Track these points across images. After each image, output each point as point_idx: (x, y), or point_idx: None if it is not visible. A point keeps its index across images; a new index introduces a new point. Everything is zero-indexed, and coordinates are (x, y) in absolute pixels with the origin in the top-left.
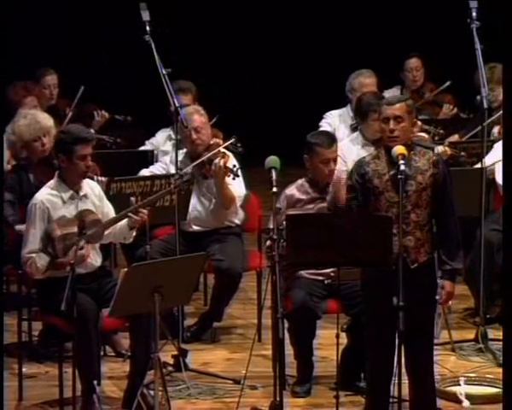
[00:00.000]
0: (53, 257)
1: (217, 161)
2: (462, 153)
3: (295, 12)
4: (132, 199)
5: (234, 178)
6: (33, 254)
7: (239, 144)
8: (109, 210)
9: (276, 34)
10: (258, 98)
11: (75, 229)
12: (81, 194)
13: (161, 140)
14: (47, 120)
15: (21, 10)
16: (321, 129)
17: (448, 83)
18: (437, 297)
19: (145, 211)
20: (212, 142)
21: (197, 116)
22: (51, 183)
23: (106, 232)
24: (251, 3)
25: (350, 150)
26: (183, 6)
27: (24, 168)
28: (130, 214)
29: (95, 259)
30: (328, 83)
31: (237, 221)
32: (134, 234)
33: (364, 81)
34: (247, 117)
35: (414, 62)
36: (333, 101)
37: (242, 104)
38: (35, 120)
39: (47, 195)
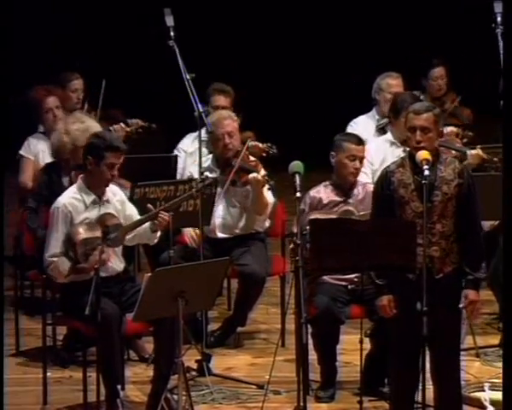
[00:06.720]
0: (74, 262)
1: (256, 173)
2: (495, 158)
3: (317, 22)
4: (150, 206)
5: (269, 189)
6: (55, 258)
7: (274, 146)
8: (132, 213)
9: (302, 41)
10: (283, 103)
11: (97, 233)
12: (104, 199)
13: (189, 142)
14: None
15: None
16: None
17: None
18: (460, 305)
19: (167, 214)
20: (240, 148)
21: (230, 121)
22: (74, 187)
23: (129, 236)
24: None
25: (378, 149)
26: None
27: (56, 170)
28: (154, 219)
29: (116, 263)
30: (352, 89)
31: (260, 229)
32: (158, 235)
33: (392, 82)
34: (271, 122)
35: (439, 71)
36: (357, 106)
37: (266, 109)
38: (91, 129)
39: (70, 198)
